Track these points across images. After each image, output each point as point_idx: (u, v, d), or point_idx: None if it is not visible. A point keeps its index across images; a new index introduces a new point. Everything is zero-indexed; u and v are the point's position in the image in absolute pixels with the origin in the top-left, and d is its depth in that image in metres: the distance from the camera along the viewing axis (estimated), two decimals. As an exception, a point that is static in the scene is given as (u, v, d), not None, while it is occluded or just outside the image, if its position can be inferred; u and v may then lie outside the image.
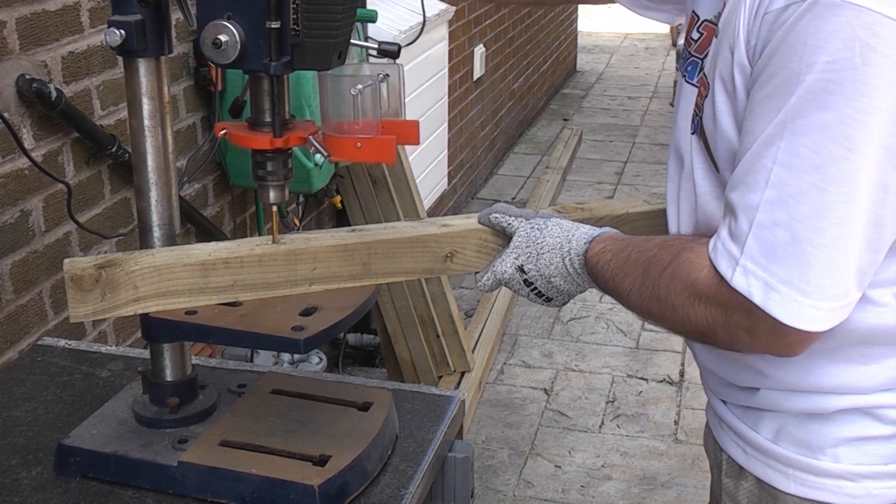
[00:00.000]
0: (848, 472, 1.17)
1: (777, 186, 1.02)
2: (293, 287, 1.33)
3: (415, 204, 3.47)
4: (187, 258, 1.30)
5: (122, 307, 1.29)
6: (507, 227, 1.33)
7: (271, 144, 1.29)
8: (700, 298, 1.10)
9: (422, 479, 1.41)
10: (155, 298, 1.30)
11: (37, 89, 2.01)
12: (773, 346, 1.08)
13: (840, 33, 0.98)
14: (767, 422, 1.22)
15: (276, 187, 1.34)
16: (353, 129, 1.28)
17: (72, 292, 1.28)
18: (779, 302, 1.03)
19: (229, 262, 1.31)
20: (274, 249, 1.32)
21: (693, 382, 3.75)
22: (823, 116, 0.99)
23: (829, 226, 1.01)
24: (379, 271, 1.36)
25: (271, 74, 1.27)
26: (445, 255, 1.37)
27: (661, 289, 1.14)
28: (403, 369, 3.55)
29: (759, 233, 1.04)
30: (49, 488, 1.38)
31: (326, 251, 1.33)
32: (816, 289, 1.02)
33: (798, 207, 1.01)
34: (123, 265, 1.28)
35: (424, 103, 3.92)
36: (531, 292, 1.31)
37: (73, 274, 1.28)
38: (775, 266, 1.03)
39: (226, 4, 1.23)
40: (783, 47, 1.02)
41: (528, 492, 3.15)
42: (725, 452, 1.28)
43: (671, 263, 1.14)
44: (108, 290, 1.28)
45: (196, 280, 1.30)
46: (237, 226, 2.99)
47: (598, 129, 7.15)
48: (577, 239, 1.27)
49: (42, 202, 2.12)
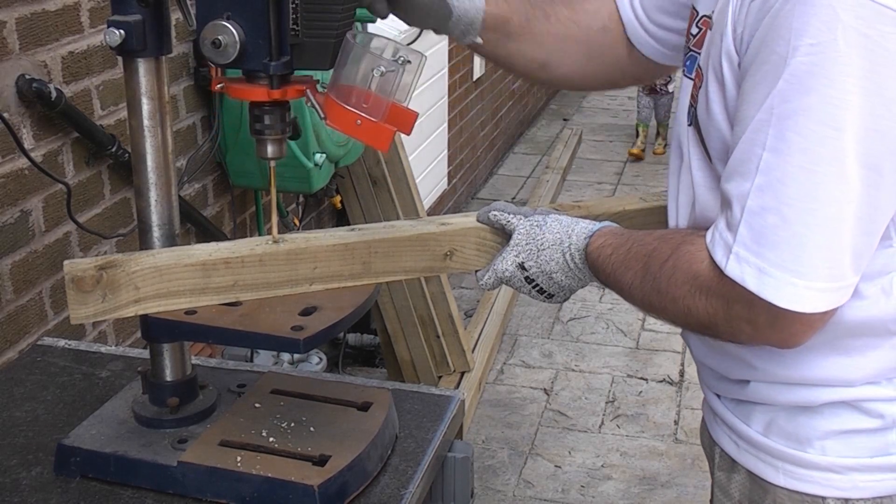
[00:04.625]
0: (835, 465, 1.18)
1: (766, 172, 1.03)
2: (294, 286, 1.33)
3: (415, 204, 3.47)
4: (188, 258, 1.30)
5: (124, 308, 1.29)
6: (507, 224, 1.33)
7: (269, 96, 1.29)
8: (701, 290, 1.10)
9: (422, 479, 1.41)
10: (156, 299, 1.30)
11: (37, 89, 2.01)
12: (774, 336, 1.08)
13: (822, 16, 0.99)
14: (758, 415, 1.23)
15: (273, 141, 1.33)
16: (359, 104, 1.26)
17: (72, 294, 1.28)
18: (774, 286, 1.03)
19: (230, 262, 1.30)
20: (274, 249, 1.32)
21: (693, 382, 3.75)
22: (808, 99, 1.00)
23: (820, 206, 1.01)
24: (379, 270, 1.36)
25: (271, 74, 1.27)
26: (445, 254, 1.37)
27: (661, 282, 1.14)
28: (403, 369, 3.55)
29: (750, 219, 1.04)
30: (49, 488, 1.38)
31: (327, 250, 1.33)
32: (811, 269, 1.02)
33: (786, 190, 1.02)
34: (124, 266, 1.28)
35: (424, 103, 3.92)
36: (533, 289, 1.31)
37: (74, 275, 1.27)
38: (767, 251, 1.03)
39: (225, 4, 1.23)
40: (770, 34, 1.03)
41: (528, 492, 3.15)
42: (718, 446, 1.29)
43: (671, 256, 1.14)
44: (108, 291, 1.28)
45: (197, 280, 1.30)
46: (237, 226, 2.99)
47: (598, 129, 7.15)
48: (577, 234, 1.27)
49: (42, 202, 2.12)
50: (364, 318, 2.21)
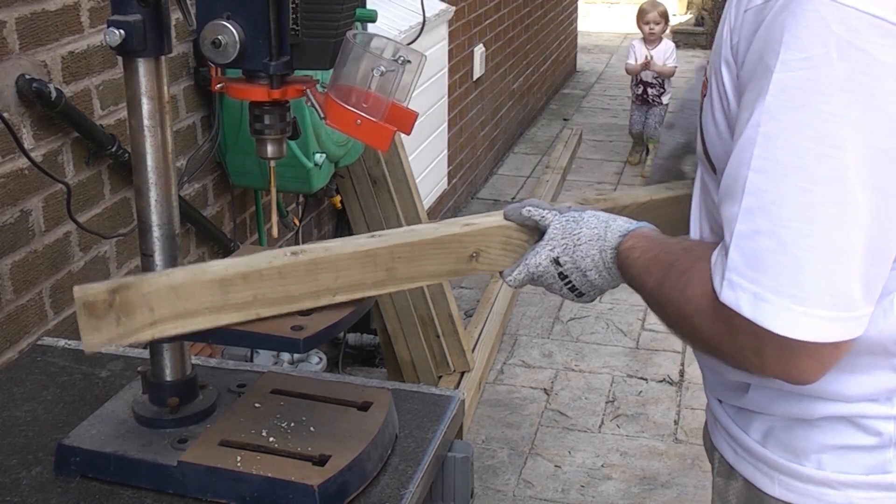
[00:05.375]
0: (831, 480, 1.15)
1: (755, 193, 0.98)
2: (316, 299, 1.28)
3: (415, 204, 3.47)
4: (204, 275, 1.24)
5: (139, 332, 1.23)
6: (541, 220, 1.29)
7: (268, 96, 1.28)
8: (705, 313, 1.05)
9: (421, 479, 1.41)
10: (173, 320, 1.24)
11: (37, 89, 2.01)
12: (782, 368, 1.02)
13: (813, 29, 0.94)
14: (757, 423, 1.21)
15: (273, 141, 1.33)
16: (359, 104, 1.26)
17: (84, 320, 1.21)
18: (770, 312, 0.97)
19: (248, 276, 1.24)
20: (294, 261, 1.26)
21: (693, 382, 3.75)
22: (799, 116, 0.95)
23: (819, 228, 0.95)
24: (403, 276, 1.31)
25: (271, 74, 1.27)
26: (470, 255, 1.32)
27: (675, 294, 1.10)
28: (403, 369, 3.55)
29: (740, 243, 0.99)
30: (49, 488, 1.38)
31: (348, 258, 1.28)
32: (811, 295, 0.96)
33: (780, 212, 0.96)
34: (137, 287, 1.22)
35: (424, 103, 3.92)
36: (565, 286, 1.28)
37: (86, 300, 1.21)
38: (762, 275, 0.97)
39: (225, 4, 1.23)
40: (764, 48, 0.99)
41: (528, 492, 3.15)
42: (718, 451, 1.28)
43: (688, 270, 1.09)
44: (122, 315, 1.21)
45: (215, 298, 1.24)
46: (237, 226, 2.99)
47: (598, 129, 7.15)
48: (612, 231, 1.24)
49: (42, 202, 2.12)
50: (364, 318, 2.21)
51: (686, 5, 11.61)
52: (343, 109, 1.27)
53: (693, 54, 9.57)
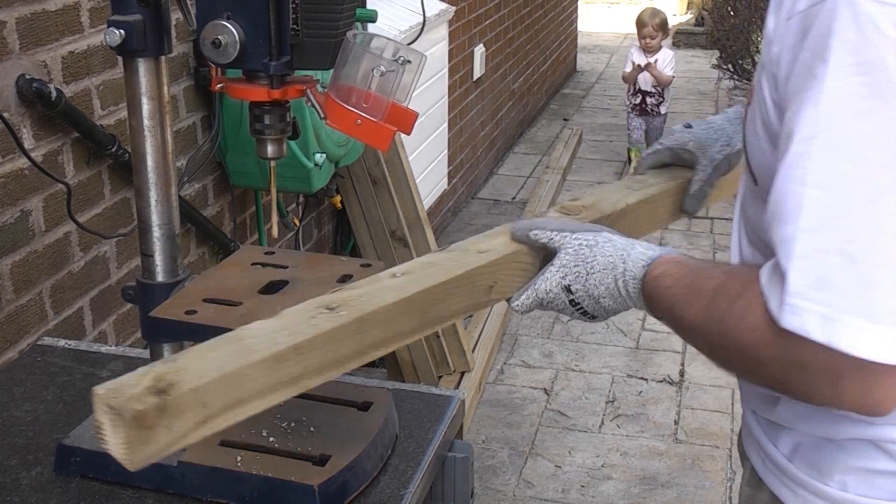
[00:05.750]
0: (854, 503, 1.12)
1: (815, 210, 0.91)
2: (361, 357, 1.16)
3: (415, 204, 3.47)
4: (253, 354, 1.05)
5: (191, 434, 1.02)
6: (549, 242, 1.23)
7: (269, 96, 1.28)
8: (767, 343, 0.96)
9: (422, 479, 1.41)
10: (223, 412, 1.04)
11: (37, 89, 2.01)
12: (859, 397, 0.94)
13: (865, 32, 0.90)
14: (786, 438, 1.18)
15: (273, 141, 1.33)
16: (359, 104, 1.26)
17: (134, 433, 0.96)
18: (847, 334, 0.89)
19: (300, 347, 1.08)
20: (342, 321, 1.12)
21: (693, 382, 3.75)
22: (859, 124, 0.90)
23: (890, 241, 0.89)
24: (434, 319, 1.21)
25: (271, 74, 1.27)
26: (489, 287, 1.24)
27: (728, 324, 1.00)
28: (403, 369, 3.55)
29: (801, 265, 0.91)
30: (49, 488, 1.38)
31: (393, 310, 1.16)
32: (888, 313, 0.89)
33: (847, 227, 0.90)
34: (184, 381, 1.00)
35: (424, 103, 3.92)
36: (576, 310, 1.22)
37: (133, 411, 0.95)
38: (832, 296, 0.90)
39: (225, 4, 1.24)
40: (807, 56, 0.94)
41: (528, 492, 3.15)
42: (749, 461, 1.26)
43: (742, 295, 0.99)
44: (174, 419, 0.99)
45: (267, 378, 1.06)
46: (237, 226, 2.99)
47: (598, 129, 7.16)
48: (633, 260, 1.16)
49: (42, 202, 2.12)
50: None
51: (686, 5, 11.62)
52: (343, 109, 1.27)
53: (693, 54, 9.58)
